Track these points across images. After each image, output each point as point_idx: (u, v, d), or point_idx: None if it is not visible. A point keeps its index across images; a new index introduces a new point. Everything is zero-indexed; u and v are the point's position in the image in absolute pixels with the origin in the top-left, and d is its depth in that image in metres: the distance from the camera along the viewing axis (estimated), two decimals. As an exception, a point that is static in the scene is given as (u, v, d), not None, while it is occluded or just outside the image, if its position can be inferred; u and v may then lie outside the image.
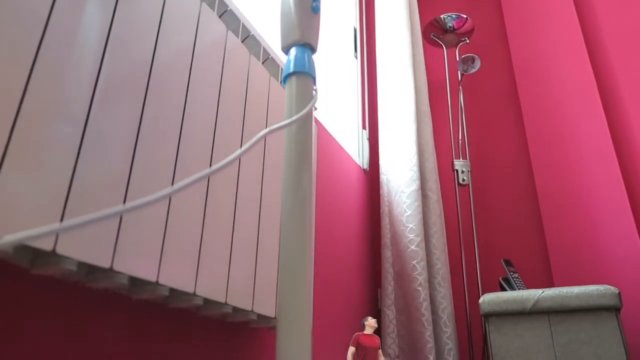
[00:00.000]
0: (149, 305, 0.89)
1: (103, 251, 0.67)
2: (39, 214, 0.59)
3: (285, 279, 0.66)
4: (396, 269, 1.97)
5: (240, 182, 1.03)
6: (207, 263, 0.88)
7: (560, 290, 1.53)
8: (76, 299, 0.76)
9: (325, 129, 1.85)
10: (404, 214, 1.98)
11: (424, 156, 2.19)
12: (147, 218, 0.77)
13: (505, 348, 1.55)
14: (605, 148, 2.03)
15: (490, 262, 2.18)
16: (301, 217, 0.71)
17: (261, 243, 1.07)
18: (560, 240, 2.01)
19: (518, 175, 2.29)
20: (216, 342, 1.05)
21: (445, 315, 1.90)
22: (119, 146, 0.74)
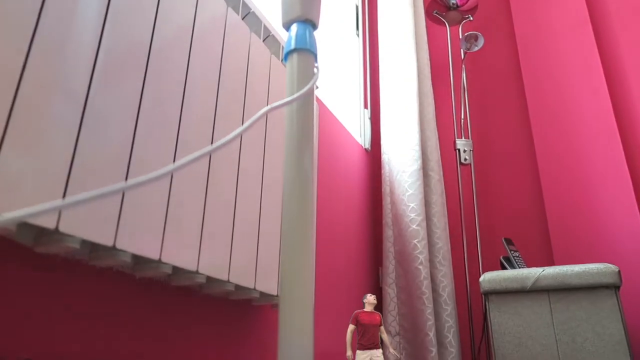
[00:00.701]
0: (152, 283, 0.90)
1: (106, 229, 0.68)
2: (41, 193, 0.59)
3: (287, 257, 0.67)
4: (397, 248, 1.98)
5: (241, 161, 1.03)
6: (209, 241, 0.89)
7: (561, 269, 1.54)
8: (80, 277, 0.76)
9: (326, 108, 1.84)
10: (405, 194, 1.98)
11: (425, 135, 2.18)
12: (150, 196, 0.77)
13: (505, 325, 1.56)
14: (608, 127, 2.02)
15: (491, 241, 2.19)
16: (302, 195, 0.71)
17: (263, 221, 1.08)
18: (562, 220, 2.01)
19: (520, 154, 2.28)
20: (219, 319, 1.07)
21: (445, 294, 1.92)
22: (120, 124, 0.73)
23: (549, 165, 2.11)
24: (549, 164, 2.11)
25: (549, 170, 2.11)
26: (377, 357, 0.32)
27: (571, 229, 1.99)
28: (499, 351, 1.55)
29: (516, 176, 2.26)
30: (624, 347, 1.40)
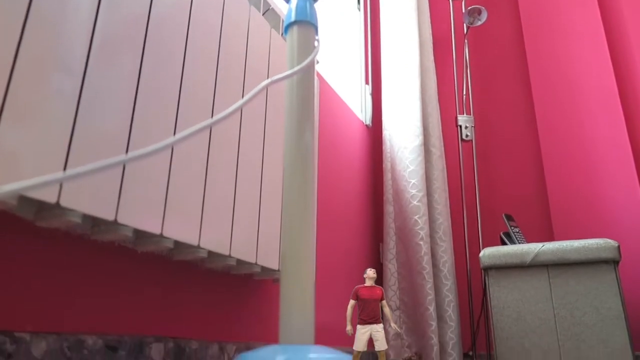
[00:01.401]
0: (154, 257, 0.90)
1: (107, 204, 0.68)
2: (41, 167, 0.59)
3: (288, 232, 0.67)
4: (398, 223, 1.99)
5: (242, 137, 1.03)
6: (210, 216, 0.89)
7: (560, 244, 1.54)
8: (82, 252, 0.77)
9: (327, 83, 1.83)
10: (406, 170, 1.98)
11: (427, 111, 2.17)
12: (150, 171, 0.77)
13: (504, 300, 1.58)
14: (612, 102, 2.00)
15: (491, 217, 2.20)
16: (303, 170, 0.71)
17: (264, 196, 1.08)
18: (562, 196, 2.02)
19: (522, 130, 2.27)
20: (221, 293, 1.08)
21: (445, 269, 1.93)
22: (119, 98, 0.73)
23: (550, 142, 2.10)
24: (550, 140, 2.10)
25: (550, 146, 2.10)
26: (377, 332, 0.32)
27: (571, 205, 1.99)
28: (497, 325, 1.57)
29: (517, 152, 2.25)
30: (622, 321, 1.42)
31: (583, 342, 1.45)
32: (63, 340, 0.70)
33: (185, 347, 0.93)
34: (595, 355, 1.42)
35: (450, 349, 1.82)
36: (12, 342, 0.63)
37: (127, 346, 0.80)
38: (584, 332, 1.45)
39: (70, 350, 0.70)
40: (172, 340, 0.90)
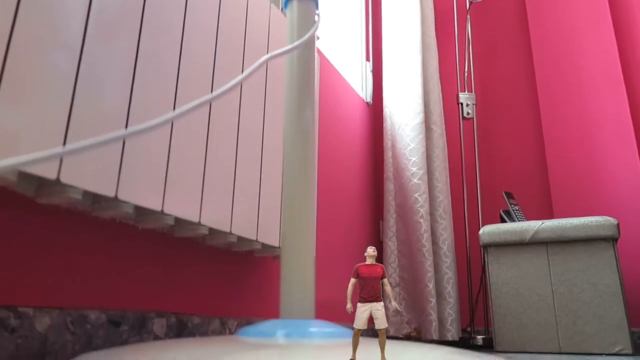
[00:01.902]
0: (155, 234, 0.91)
1: (107, 180, 0.68)
2: (39, 145, 0.59)
3: (288, 209, 0.67)
4: (398, 201, 2.00)
5: (242, 113, 1.02)
6: (211, 193, 0.89)
7: (560, 222, 1.55)
8: (83, 228, 0.77)
9: (327, 60, 1.81)
10: (407, 147, 1.98)
11: (428, 88, 2.15)
12: (150, 148, 0.76)
13: (503, 277, 1.60)
14: (615, 81, 1.98)
15: (491, 194, 2.20)
16: (304, 147, 0.70)
17: (264, 173, 1.08)
18: (563, 173, 2.02)
19: (523, 108, 2.25)
20: (222, 270, 1.09)
21: (445, 246, 1.94)
22: (117, 75, 0.72)
23: (552, 119, 2.09)
24: (552, 118, 2.09)
25: (552, 124, 2.09)
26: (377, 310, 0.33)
27: (572, 182, 1.99)
28: (496, 301, 1.58)
29: (519, 130, 2.24)
30: (619, 297, 1.43)
31: (580, 318, 1.46)
32: (66, 315, 0.70)
33: (187, 322, 0.94)
34: (592, 331, 1.44)
35: (449, 325, 1.85)
36: (15, 316, 0.64)
37: (129, 321, 0.81)
38: (581, 308, 1.47)
39: (73, 325, 0.71)
40: (174, 316, 0.91)
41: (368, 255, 0.42)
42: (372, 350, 0.38)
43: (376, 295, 0.39)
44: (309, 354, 0.42)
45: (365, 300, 0.39)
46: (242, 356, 0.40)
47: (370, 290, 0.39)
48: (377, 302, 0.39)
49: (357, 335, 0.37)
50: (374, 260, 0.41)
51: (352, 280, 0.41)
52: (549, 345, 1.48)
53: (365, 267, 0.40)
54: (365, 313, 0.38)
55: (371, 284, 0.39)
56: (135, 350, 0.45)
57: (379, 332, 0.37)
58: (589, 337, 1.44)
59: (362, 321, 0.37)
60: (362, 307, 0.39)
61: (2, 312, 0.62)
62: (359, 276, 0.40)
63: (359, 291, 0.39)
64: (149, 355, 0.41)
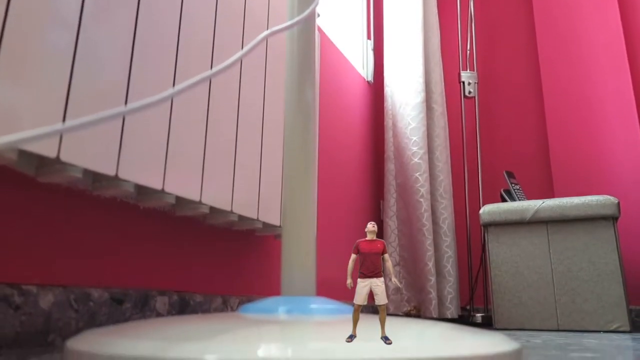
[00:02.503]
0: (157, 213, 0.91)
1: (108, 159, 0.68)
2: (38, 123, 0.59)
3: (289, 188, 0.67)
4: (399, 181, 2.00)
5: (242, 91, 1.01)
6: (211, 172, 0.89)
7: (560, 201, 1.55)
8: (85, 208, 0.77)
9: (328, 38, 1.79)
10: (407, 127, 1.97)
11: (430, 67, 2.13)
12: (150, 126, 0.76)
13: (503, 256, 1.60)
14: (618, 60, 1.96)
15: (492, 174, 2.20)
16: (304, 126, 0.70)
17: (265, 152, 1.07)
18: (564, 153, 2.01)
19: (526, 87, 2.24)
20: (223, 249, 1.09)
21: (445, 226, 1.95)
22: (116, 52, 0.71)
23: (554, 99, 2.08)
24: (554, 98, 2.08)
25: (554, 103, 2.07)
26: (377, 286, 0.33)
27: (573, 162, 1.99)
28: (495, 279, 1.60)
29: (521, 109, 2.23)
30: (618, 276, 1.44)
31: (579, 296, 1.48)
32: (69, 292, 0.71)
33: (190, 300, 0.95)
34: (590, 309, 1.45)
35: (449, 303, 1.87)
36: (19, 294, 0.64)
37: (132, 299, 0.82)
38: (580, 286, 1.48)
39: (76, 303, 0.72)
40: (177, 294, 0.92)
41: (368, 230, 0.41)
42: (372, 327, 0.38)
43: (376, 271, 0.39)
44: (310, 330, 0.42)
45: (365, 275, 0.39)
46: (244, 332, 0.40)
47: (370, 265, 0.39)
48: (377, 277, 0.39)
49: (357, 311, 0.37)
50: (374, 235, 0.40)
51: (352, 256, 0.41)
52: (548, 322, 1.50)
53: (366, 243, 0.40)
54: (365, 289, 0.38)
55: (371, 259, 0.39)
56: (138, 326, 0.45)
57: (379, 308, 0.38)
58: (587, 314, 1.45)
59: (361, 297, 0.38)
60: (362, 283, 0.39)
61: (6, 289, 0.63)
62: (359, 252, 0.40)
63: (359, 267, 0.40)
64: (152, 330, 0.41)
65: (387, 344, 0.35)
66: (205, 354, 0.34)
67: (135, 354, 0.35)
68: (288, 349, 0.35)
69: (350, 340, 0.35)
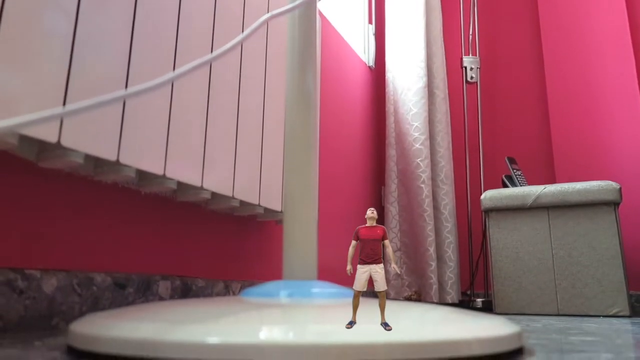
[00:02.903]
0: (159, 199, 0.91)
1: (108, 144, 0.68)
2: (37, 109, 0.58)
3: (291, 174, 0.67)
4: (400, 166, 1.99)
5: (243, 75, 1.01)
6: (213, 157, 0.89)
7: (562, 186, 1.55)
8: (87, 193, 0.77)
9: (329, 23, 1.77)
10: (409, 112, 1.96)
11: (431, 52, 2.12)
12: (151, 111, 0.76)
13: (504, 241, 1.61)
14: (622, 46, 1.94)
15: (494, 160, 2.20)
16: (305, 111, 0.70)
17: (266, 137, 1.07)
18: (566, 138, 2.00)
19: (528, 73, 2.22)
20: (225, 234, 1.09)
21: (446, 211, 1.95)
22: (115, 37, 0.71)
23: (557, 84, 2.06)
24: (557, 83, 2.06)
25: (557, 88, 2.06)
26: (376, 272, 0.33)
27: (575, 147, 1.98)
28: (496, 265, 1.60)
29: (523, 95, 2.21)
30: (619, 261, 1.45)
31: (579, 281, 1.48)
32: (72, 277, 0.72)
33: (192, 285, 0.95)
34: (590, 294, 1.46)
35: (449, 288, 1.88)
36: (23, 278, 0.65)
37: (134, 284, 0.82)
38: (580, 271, 1.49)
39: (80, 287, 0.72)
40: (179, 279, 0.92)
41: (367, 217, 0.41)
42: (372, 312, 0.38)
43: (375, 257, 0.39)
44: (311, 313, 0.42)
45: (365, 262, 0.39)
46: (246, 315, 0.41)
47: (370, 252, 0.39)
48: (376, 264, 0.39)
49: (357, 297, 0.38)
50: (374, 222, 0.40)
51: (352, 243, 0.41)
52: (548, 307, 1.51)
53: (365, 229, 0.40)
54: (364, 275, 0.38)
55: (370, 245, 0.39)
56: (141, 309, 0.45)
57: (379, 294, 0.38)
58: (587, 299, 1.46)
59: (361, 283, 0.38)
60: (361, 269, 0.39)
61: (10, 274, 0.63)
62: (359, 238, 0.40)
63: (359, 253, 0.40)
64: (154, 313, 0.42)
65: (387, 330, 0.35)
66: (207, 336, 0.34)
67: (137, 337, 0.36)
68: (289, 331, 0.35)
69: (350, 326, 0.35)
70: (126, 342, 0.36)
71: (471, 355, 0.38)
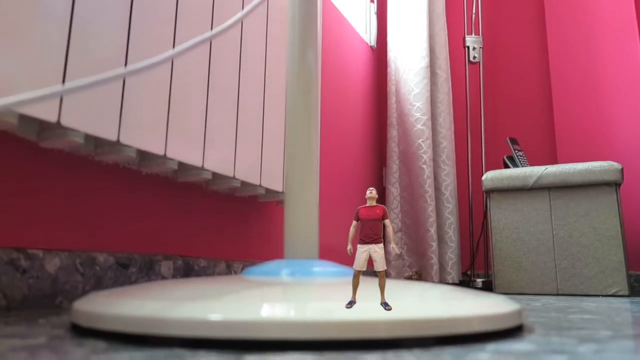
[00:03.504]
0: (160, 180, 0.91)
1: (109, 124, 0.67)
2: (36, 88, 0.58)
3: (292, 154, 0.67)
4: (401, 147, 1.99)
5: (243, 55, 1.00)
6: (213, 138, 0.89)
7: (564, 167, 1.55)
8: (89, 174, 0.77)
9: (330, 2, 1.75)
10: (411, 93, 1.95)
11: (434, 31, 2.09)
12: (151, 91, 0.75)
13: (505, 222, 1.61)
14: (627, 27, 1.92)
15: (496, 140, 2.19)
16: (306, 91, 0.69)
17: (267, 118, 1.07)
18: (569, 119, 1.99)
19: (531, 52, 2.20)
20: (226, 215, 1.10)
21: (448, 192, 1.95)
22: (114, 16, 0.70)
23: (561, 64, 2.04)
24: (561, 63, 2.04)
25: (560, 69, 2.04)
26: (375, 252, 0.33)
27: (577, 128, 1.97)
28: (496, 245, 1.61)
29: (526, 75, 2.19)
30: (619, 241, 1.45)
31: (579, 261, 1.49)
32: (75, 257, 0.72)
33: (194, 265, 0.96)
34: (590, 274, 1.47)
35: (450, 268, 1.89)
36: (26, 258, 0.65)
37: (137, 263, 0.83)
38: (580, 251, 1.49)
39: (82, 267, 0.73)
40: (181, 259, 0.93)
41: (367, 197, 0.41)
42: (373, 292, 0.38)
43: (374, 237, 0.39)
44: (312, 291, 0.43)
45: (364, 242, 0.39)
46: (247, 293, 0.41)
47: (369, 232, 0.39)
48: (375, 244, 0.39)
49: (356, 276, 0.38)
50: (373, 202, 0.40)
51: (353, 223, 0.41)
52: (547, 287, 1.52)
53: (365, 209, 0.40)
54: (363, 254, 0.38)
55: (369, 225, 0.39)
56: (144, 287, 0.46)
57: (378, 274, 0.38)
58: (586, 279, 1.47)
59: (360, 262, 0.38)
60: (361, 249, 0.39)
61: (13, 253, 0.63)
62: (359, 218, 0.40)
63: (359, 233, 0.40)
64: (157, 291, 0.42)
65: (386, 309, 0.36)
66: (210, 313, 0.34)
67: (141, 314, 0.36)
68: (291, 309, 0.35)
69: (350, 306, 0.36)
70: (130, 320, 0.36)
71: (471, 332, 0.38)
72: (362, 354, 0.32)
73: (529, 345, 0.37)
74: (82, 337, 0.39)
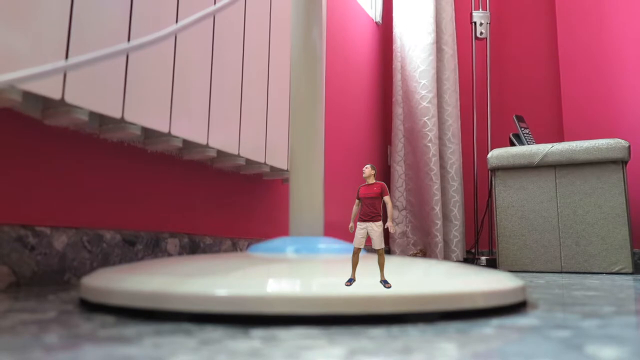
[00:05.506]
0: (165, 157, 0.91)
1: (113, 101, 0.67)
2: (38, 64, 0.58)
3: (296, 132, 0.67)
4: (407, 125, 1.98)
5: (247, 31, 0.99)
6: (218, 115, 0.88)
7: (570, 145, 1.54)
8: (94, 151, 0.77)
9: (335, -24, 1.72)
10: (417, 70, 1.93)
11: (440, 6, 2.06)
12: (155, 69, 0.75)
13: (509, 200, 1.61)
14: (638, 2, 1.88)
15: (502, 118, 2.17)
16: (311, 68, 0.69)
17: (272, 95, 1.06)
18: (576, 96, 1.97)
19: (539, 28, 2.16)
20: (231, 193, 1.10)
21: (453, 170, 1.95)
22: (116, -10, 0.69)
23: (569, 40, 2.01)
24: (569, 39, 2.01)
25: (568, 46, 2.01)
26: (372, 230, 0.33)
27: (585, 106, 1.95)
28: (501, 223, 1.61)
29: (533, 51, 2.16)
30: (624, 219, 1.45)
31: (583, 239, 1.49)
32: (82, 234, 0.73)
33: (200, 243, 0.97)
34: (594, 251, 1.47)
35: (454, 246, 1.90)
36: (34, 235, 0.66)
37: (143, 241, 0.84)
38: (585, 229, 1.49)
39: (90, 244, 0.74)
40: (187, 236, 0.94)
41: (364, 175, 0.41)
42: (376, 269, 0.39)
43: (372, 215, 0.39)
44: (318, 267, 0.43)
45: (363, 220, 0.39)
46: (253, 269, 0.41)
47: (367, 210, 0.39)
48: (373, 222, 0.39)
49: (356, 254, 0.38)
50: (371, 179, 0.40)
51: (356, 201, 0.41)
52: (551, 265, 1.52)
53: (364, 188, 0.40)
54: (361, 232, 0.38)
55: (367, 203, 0.39)
56: (151, 264, 0.46)
57: (377, 252, 0.38)
58: (590, 257, 1.47)
59: (358, 240, 0.38)
60: (360, 226, 0.39)
61: (20, 230, 0.64)
62: (359, 197, 0.40)
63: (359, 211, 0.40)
64: (164, 268, 0.42)
65: (386, 287, 0.36)
66: (216, 288, 0.35)
67: (148, 289, 0.37)
68: (296, 284, 0.36)
69: (349, 284, 0.36)
70: (137, 295, 0.37)
71: (475, 307, 0.38)
72: (367, 329, 0.32)
73: (533, 320, 0.37)
74: (90, 312, 0.40)
